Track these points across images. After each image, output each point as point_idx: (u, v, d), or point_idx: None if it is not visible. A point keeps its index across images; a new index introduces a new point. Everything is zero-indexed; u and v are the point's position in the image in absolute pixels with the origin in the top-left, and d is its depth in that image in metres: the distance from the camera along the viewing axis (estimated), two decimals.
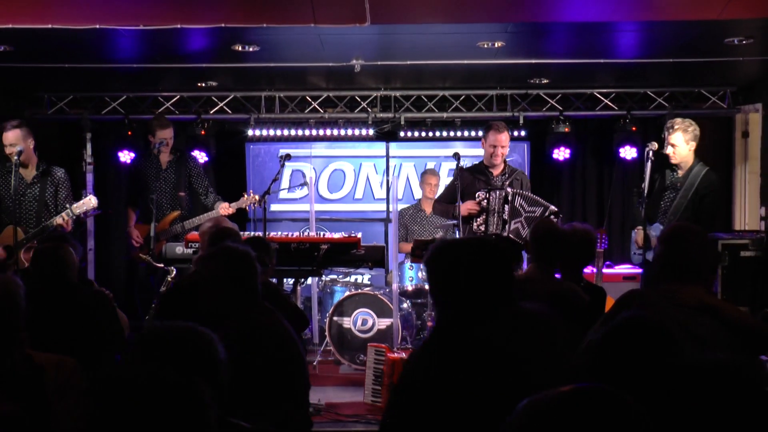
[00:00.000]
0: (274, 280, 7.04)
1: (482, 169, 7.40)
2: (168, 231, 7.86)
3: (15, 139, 7.09)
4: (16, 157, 7.03)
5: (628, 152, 9.21)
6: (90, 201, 7.18)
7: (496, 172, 7.35)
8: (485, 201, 7.11)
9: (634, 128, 9.18)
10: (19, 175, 7.15)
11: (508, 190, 7.12)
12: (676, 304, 3.72)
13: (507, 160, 7.53)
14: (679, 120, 7.27)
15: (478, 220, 7.11)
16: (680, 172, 7.22)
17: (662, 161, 7.21)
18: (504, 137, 7.27)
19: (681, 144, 7.10)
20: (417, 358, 2.92)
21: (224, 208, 7.81)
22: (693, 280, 3.83)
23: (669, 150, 7.11)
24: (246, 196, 7.76)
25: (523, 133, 9.42)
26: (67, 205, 7.17)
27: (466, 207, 7.13)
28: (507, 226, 6.97)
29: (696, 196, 7.10)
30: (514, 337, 2.63)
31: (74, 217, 7.17)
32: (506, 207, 7.08)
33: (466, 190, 7.26)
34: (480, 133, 9.49)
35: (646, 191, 7.14)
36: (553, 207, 7.21)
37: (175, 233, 7.87)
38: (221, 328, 3.70)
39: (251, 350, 3.66)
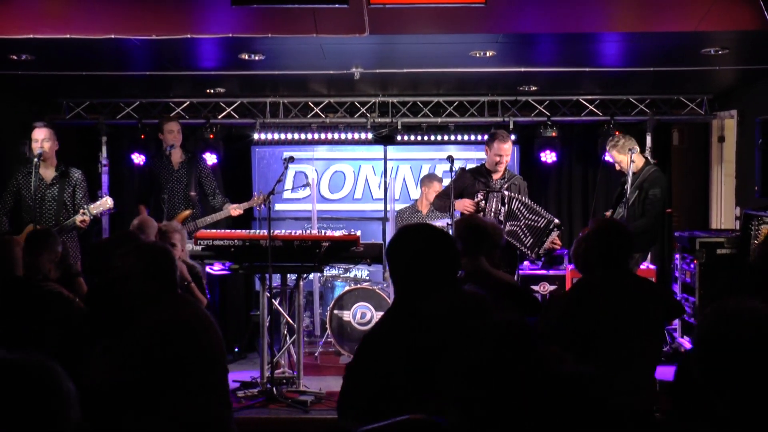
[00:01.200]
0: (277, 276, 7.11)
1: (483, 172, 7.37)
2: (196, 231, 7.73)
3: (46, 134, 7.24)
4: (36, 159, 7.09)
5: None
6: (106, 202, 7.24)
7: (496, 176, 7.32)
8: (483, 201, 7.09)
9: (617, 133, 9.20)
10: (39, 176, 7.21)
11: (506, 193, 7.06)
12: (623, 285, 4.31)
13: None
14: (609, 140, 7.85)
15: None
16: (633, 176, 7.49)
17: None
18: (508, 147, 7.25)
19: (618, 157, 7.61)
20: (374, 326, 3.22)
21: (234, 209, 7.83)
22: (625, 264, 4.42)
23: (617, 166, 7.70)
24: (256, 196, 7.79)
25: (513, 137, 9.44)
26: (85, 205, 7.22)
27: (462, 204, 7.09)
28: (502, 227, 6.86)
29: (642, 192, 7.42)
30: (449, 313, 2.84)
31: (92, 217, 7.22)
32: (503, 209, 7.02)
33: (467, 190, 7.27)
34: (473, 137, 9.59)
35: (628, 192, 7.25)
36: (556, 220, 7.05)
37: (187, 231, 7.85)
38: (141, 320, 3.75)
39: (170, 340, 3.68)
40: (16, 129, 9.00)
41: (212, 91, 9.23)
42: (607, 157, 7.60)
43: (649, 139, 9.38)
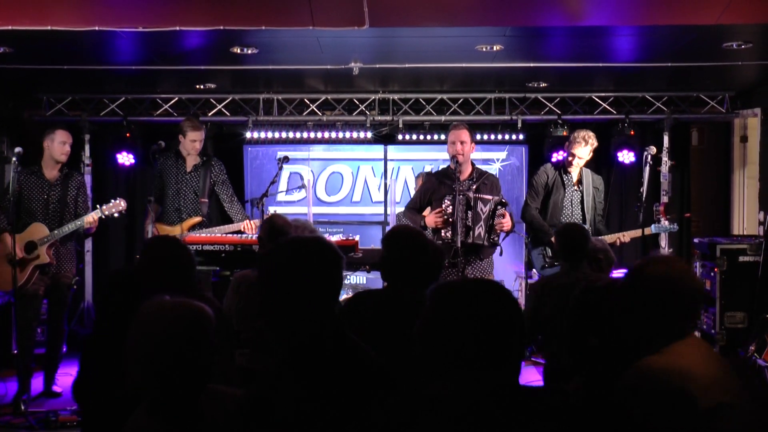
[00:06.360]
0: None
1: (449, 174, 6.90)
2: (185, 236, 7.42)
3: (68, 137, 7.33)
4: (15, 158, 7.00)
5: (626, 156, 9.25)
6: (119, 204, 7.18)
7: (462, 176, 6.85)
8: (450, 208, 6.68)
9: (632, 132, 9.23)
10: (42, 176, 7.23)
11: (471, 195, 6.71)
12: None
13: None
14: (584, 134, 7.73)
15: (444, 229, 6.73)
16: (575, 174, 7.82)
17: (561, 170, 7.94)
18: (462, 133, 6.87)
19: (587, 155, 7.75)
20: None
21: (250, 228, 7.41)
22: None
23: (576, 161, 7.75)
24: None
25: (521, 136, 9.49)
26: (98, 206, 7.22)
27: (432, 220, 6.77)
28: (471, 233, 6.60)
29: (597, 192, 7.82)
30: None
31: (103, 217, 7.20)
32: (469, 213, 6.66)
33: (433, 196, 6.97)
34: (479, 137, 9.54)
35: (644, 195, 7.24)
36: (496, 198, 6.72)
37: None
38: None
39: None
40: None
41: (202, 86, 9.23)
42: (583, 155, 7.71)
43: (666, 139, 9.38)
